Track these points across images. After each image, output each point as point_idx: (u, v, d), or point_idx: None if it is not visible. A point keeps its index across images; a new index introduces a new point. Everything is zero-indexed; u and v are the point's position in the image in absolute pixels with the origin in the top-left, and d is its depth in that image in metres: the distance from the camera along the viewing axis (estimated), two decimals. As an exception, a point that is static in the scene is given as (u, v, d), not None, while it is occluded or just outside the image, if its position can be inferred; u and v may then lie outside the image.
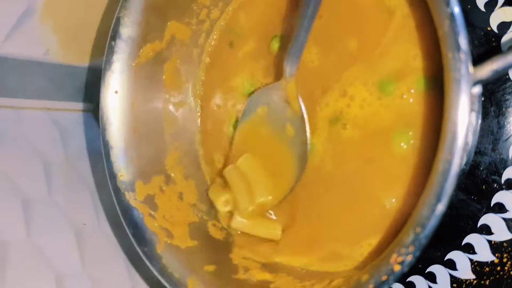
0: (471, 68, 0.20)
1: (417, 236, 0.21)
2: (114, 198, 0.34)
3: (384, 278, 0.22)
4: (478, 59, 0.22)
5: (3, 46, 0.37)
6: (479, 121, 0.30)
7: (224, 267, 0.32)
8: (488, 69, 0.21)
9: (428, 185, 0.21)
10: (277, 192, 0.33)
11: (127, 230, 0.33)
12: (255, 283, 0.31)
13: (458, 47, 0.20)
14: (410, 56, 0.28)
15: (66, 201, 0.41)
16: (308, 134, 0.32)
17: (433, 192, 0.21)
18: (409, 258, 0.21)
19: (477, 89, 0.23)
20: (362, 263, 0.28)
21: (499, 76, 0.21)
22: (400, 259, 0.22)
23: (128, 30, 0.34)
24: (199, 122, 0.38)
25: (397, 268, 0.22)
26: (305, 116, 0.32)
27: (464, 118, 0.20)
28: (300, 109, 0.32)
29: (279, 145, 0.33)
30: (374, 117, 0.29)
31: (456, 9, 0.20)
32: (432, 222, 0.21)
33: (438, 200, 0.21)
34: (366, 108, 0.30)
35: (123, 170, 0.34)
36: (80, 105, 0.46)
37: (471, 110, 0.24)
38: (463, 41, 0.20)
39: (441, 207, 0.20)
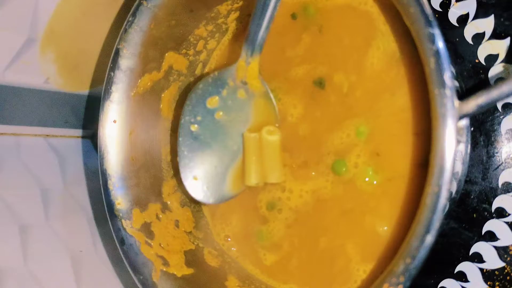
0: (456, 103, 0.21)
1: (407, 267, 0.22)
2: (111, 226, 0.34)
3: (375, 308, 0.23)
4: (466, 91, 0.23)
5: (4, 74, 0.38)
6: (469, 151, 0.30)
7: (219, 295, 0.32)
8: (473, 103, 0.22)
9: (417, 217, 0.22)
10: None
11: (123, 258, 0.33)
12: (249, 311, 0.31)
13: (443, 84, 0.21)
14: None
15: (63, 227, 0.41)
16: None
17: (422, 224, 0.21)
18: (400, 288, 0.22)
19: (464, 122, 0.24)
20: None
21: (484, 110, 0.22)
22: (390, 289, 0.22)
23: (127, 61, 0.34)
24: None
25: (388, 298, 0.22)
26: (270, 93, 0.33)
27: (450, 151, 0.21)
28: (264, 88, 0.33)
29: None
30: None
31: (441, 46, 0.21)
32: (422, 253, 0.21)
33: (427, 231, 0.21)
34: None
35: (120, 198, 0.34)
36: (78, 132, 0.47)
37: (459, 141, 0.24)
38: (448, 78, 0.21)
39: (430, 238, 0.21)
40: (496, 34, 0.31)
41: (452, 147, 0.21)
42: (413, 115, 0.28)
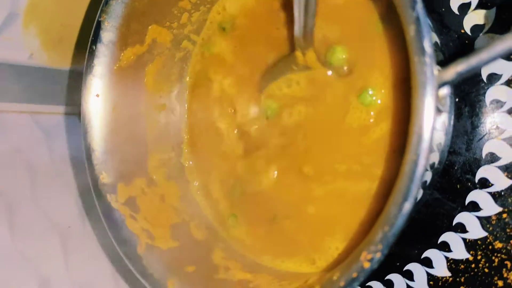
0: (436, 71, 0.21)
1: (385, 234, 0.22)
2: (95, 200, 0.34)
3: (354, 275, 0.23)
4: (451, 61, 0.23)
5: (-14, 50, 0.38)
6: (452, 122, 0.30)
7: (204, 267, 0.33)
8: (453, 71, 0.21)
9: (396, 185, 0.22)
10: None
11: (108, 231, 0.33)
12: (235, 282, 0.31)
13: (423, 51, 0.21)
14: None
15: (50, 204, 0.41)
16: None
17: (400, 191, 0.21)
18: (378, 255, 0.22)
19: (445, 91, 0.24)
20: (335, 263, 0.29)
21: (464, 77, 0.22)
22: (369, 256, 0.22)
23: (108, 34, 0.34)
24: (185, 123, 0.38)
25: (367, 265, 0.22)
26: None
27: (429, 120, 0.21)
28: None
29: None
30: None
31: (422, 14, 0.21)
32: (400, 221, 0.21)
33: (405, 199, 0.21)
34: None
35: (104, 172, 0.34)
36: (64, 109, 0.47)
37: (441, 111, 0.24)
38: (427, 45, 0.21)
39: (407, 206, 0.21)
40: (482, 4, 0.30)
41: (431, 115, 0.21)
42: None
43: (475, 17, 0.31)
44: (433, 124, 0.21)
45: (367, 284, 0.35)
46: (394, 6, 0.22)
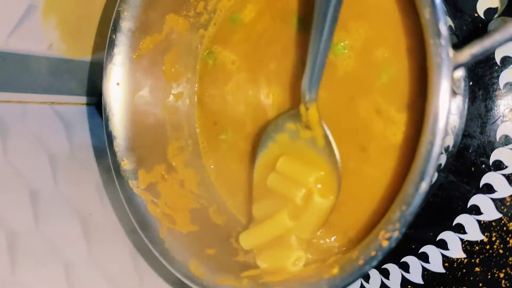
0: (451, 53, 0.21)
1: (403, 213, 0.22)
2: (117, 186, 0.35)
3: (373, 253, 0.23)
4: (464, 44, 0.23)
5: (7, 42, 0.38)
6: (466, 105, 0.31)
7: (224, 250, 0.33)
8: (467, 53, 0.22)
9: (413, 165, 0.22)
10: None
11: (131, 216, 0.34)
12: (254, 265, 0.32)
13: (439, 34, 0.21)
14: None
15: (72, 191, 0.42)
16: (338, 157, 0.30)
17: (417, 171, 0.22)
18: (396, 234, 0.23)
19: (460, 73, 0.24)
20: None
21: (478, 59, 0.22)
22: (387, 235, 0.23)
23: (128, 23, 0.35)
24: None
25: (385, 243, 0.23)
26: (331, 140, 0.30)
27: (445, 101, 0.21)
28: (326, 134, 0.30)
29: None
30: None
31: (437, -3, 0.21)
32: (417, 200, 0.22)
33: (422, 178, 0.22)
34: None
35: (125, 159, 0.35)
36: (83, 99, 0.48)
37: (456, 93, 0.25)
38: (443, 28, 0.21)
39: (424, 185, 0.22)
40: (507, 12, 0.31)
41: (446, 96, 0.21)
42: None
43: (488, 1, 0.31)
44: (449, 105, 0.21)
45: (383, 267, 0.36)
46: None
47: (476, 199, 0.32)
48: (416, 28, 0.27)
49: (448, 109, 0.21)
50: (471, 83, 0.32)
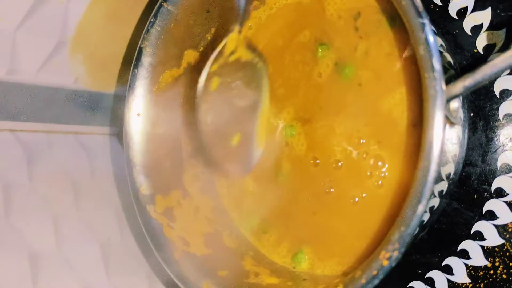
0: (443, 85, 0.23)
1: (401, 234, 0.24)
2: (136, 209, 0.37)
3: (374, 272, 0.25)
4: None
5: (37, 75, 0.41)
6: (466, 135, 0.32)
7: (236, 272, 0.35)
8: (460, 85, 0.24)
9: (411, 189, 0.24)
10: None
11: (148, 238, 0.36)
12: (264, 286, 0.33)
13: (432, 68, 0.23)
14: None
15: (92, 217, 0.44)
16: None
17: (414, 195, 0.23)
18: (396, 254, 0.24)
19: (456, 104, 0.26)
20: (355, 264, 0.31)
21: (470, 91, 0.24)
22: (388, 255, 0.24)
23: (149, 58, 0.37)
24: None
25: (386, 263, 0.24)
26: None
27: (439, 129, 0.23)
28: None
29: None
30: None
31: (430, 34, 0.23)
32: (414, 222, 0.23)
33: (419, 202, 0.23)
34: None
35: (144, 185, 0.37)
36: (106, 129, 0.50)
37: (453, 123, 0.26)
38: (436, 63, 0.23)
39: (421, 208, 0.23)
40: (493, 25, 0.33)
41: (440, 125, 0.23)
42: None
43: (486, 37, 0.33)
44: (443, 133, 0.23)
45: (390, 292, 0.37)
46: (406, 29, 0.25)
47: (479, 225, 0.33)
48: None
49: (442, 137, 0.23)
50: (472, 114, 0.33)
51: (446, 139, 0.29)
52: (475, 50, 0.33)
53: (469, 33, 0.33)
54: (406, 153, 0.30)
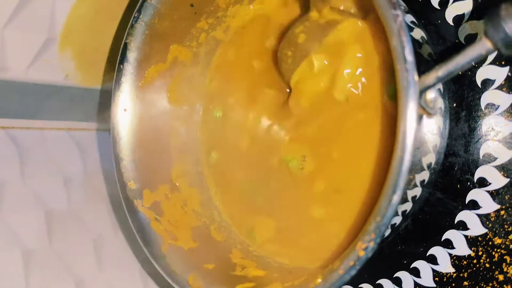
0: (416, 76, 0.23)
1: (377, 225, 0.24)
2: (124, 204, 0.37)
3: (351, 263, 0.25)
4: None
5: (27, 72, 0.41)
6: (447, 125, 0.32)
7: (223, 265, 0.35)
8: (433, 76, 0.24)
9: (386, 180, 0.24)
10: None
11: (135, 232, 0.36)
12: (250, 279, 0.34)
13: (404, 59, 0.23)
14: None
15: (84, 212, 0.44)
16: None
17: (390, 185, 0.24)
18: (371, 244, 0.24)
19: (432, 95, 0.26)
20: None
21: (443, 81, 0.24)
22: (363, 245, 0.24)
23: (134, 54, 0.38)
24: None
25: (362, 253, 0.24)
26: None
27: (412, 120, 0.23)
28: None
29: None
30: None
31: (403, 26, 0.23)
32: (389, 212, 0.24)
33: (394, 191, 0.23)
34: None
35: (132, 179, 0.38)
36: (98, 125, 0.50)
37: (430, 114, 0.27)
38: (408, 54, 0.23)
39: (396, 198, 0.23)
40: (475, 15, 0.33)
41: (413, 116, 0.23)
42: None
43: (468, 28, 0.33)
44: (416, 124, 0.23)
45: (377, 282, 0.37)
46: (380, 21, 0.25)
47: (463, 215, 0.33)
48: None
49: (415, 127, 0.23)
50: (454, 104, 0.33)
51: (426, 130, 0.30)
52: (457, 41, 0.33)
53: (451, 23, 0.33)
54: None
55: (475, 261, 0.33)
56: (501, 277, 0.32)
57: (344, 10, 0.32)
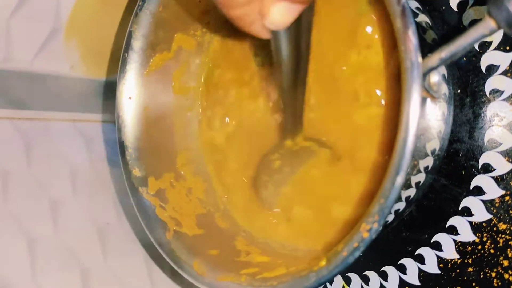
0: (419, 58, 0.23)
1: (381, 206, 0.24)
2: (129, 191, 0.38)
3: (355, 245, 0.25)
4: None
5: (32, 63, 0.41)
6: (451, 111, 0.32)
7: (227, 252, 0.35)
8: (437, 58, 0.24)
9: (390, 161, 0.24)
10: None
11: (140, 219, 0.37)
12: (254, 264, 0.34)
13: (408, 40, 0.23)
14: None
15: (90, 202, 0.44)
16: None
17: (393, 167, 0.24)
18: (375, 226, 0.24)
19: (436, 78, 0.26)
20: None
21: (447, 62, 0.24)
22: (367, 227, 0.24)
23: (139, 42, 0.38)
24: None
25: (366, 235, 0.25)
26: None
27: (416, 101, 0.23)
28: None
29: None
30: None
31: (406, 7, 0.23)
32: (393, 194, 0.24)
33: (397, 173, 0.23)
34: None
35: (136, 167, 0.38)
36: (102, 116, 0.50)
37: (435, 97, 0.27)
38: (412, 35, 0.23)
39: (399, 180, 0.23)
40: (478, 1, 0.33)
41: (417, 98, 0.23)
42: None
43: (472, 13, 0.33)
44: (420, 105, 0.23)
45: (381, 269, 0.37)
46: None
47: (467, 201, 0.33)
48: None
49: (419, 109, 0.23)
50: (459, 90, 0.33)
51: (431, 115, 0.30)
52: (462, 26, 0.33)
53: (456, 9, 0.33)
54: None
55: (479, 247, 0.33)
56: (506, 263, 0.32)
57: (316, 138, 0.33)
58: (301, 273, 0.28)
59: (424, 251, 0.35)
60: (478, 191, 0.33)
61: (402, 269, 0.36)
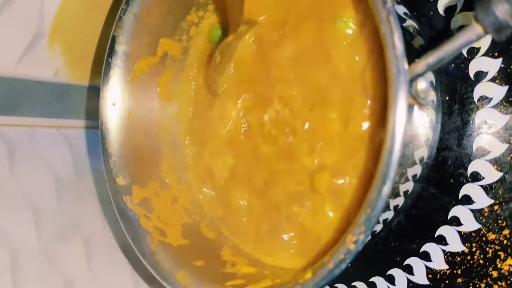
0: (406, 64, 0.23)
1: (367, 216, 0.23)
2: (112, 200, 0.37)
3: (341, 257, 0.24)
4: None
5: (16, 68, 0.41)
6: (440, 119, 0.32)
7: (213, 262, 0.35)
8: (423, 64, 0.23)
9: (376, 171, 0.23)
10: None
11: (124, 229, 0.36)
12: (240, 276, 0.33)
13: (394, 46, 0.23)
14: None
15: (74, 210, 0.44)
16: None
17: (380, 176, 0.23)
18: (362, 237, 0.24)
19: (423, 85, 0.25)
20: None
21: (434, 68, 0.23)
22: (353, 238, 0.24)
23: (122, 47, 0.37)
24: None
25: (352, 246, 0.24)
26: None
27: (402, 108, 0.23)
28: None
29: None
30: None
31: (392, 12, 0.23)
32: (380, 203, 0.23)
33: (384, 183, 0.23)
34: None
35: (120, 175, 0.37)
36: (88, 123, 0.50)
37: (422, 104, 0.26)
38: (397, 40, 0.22)
39: (386, 189, 0.23)
40: (467, 6, 0.32)
41: (404, 105, 0.23)
42: None
43: (461, 19, 0.32)
44: (406, 113, 0.23)
45: (370, 280, 0.36)
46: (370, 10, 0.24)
47: (456, 211, 0.33)
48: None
49: (405, 116, 0.23)
50: (447, 97, 0.33)
51: (418, 123, 0.29)
52: (450, 32, 0.33)
53: (443, 15, 0.33)
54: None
55: (468, 257, 0.32)
56: (495, 274, 0.31)
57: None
58: (286, 285, 0.27)
59: (413, 261, 0.34)
60: (467, 200, 0.32)
61: (391, 279, 0.35)
